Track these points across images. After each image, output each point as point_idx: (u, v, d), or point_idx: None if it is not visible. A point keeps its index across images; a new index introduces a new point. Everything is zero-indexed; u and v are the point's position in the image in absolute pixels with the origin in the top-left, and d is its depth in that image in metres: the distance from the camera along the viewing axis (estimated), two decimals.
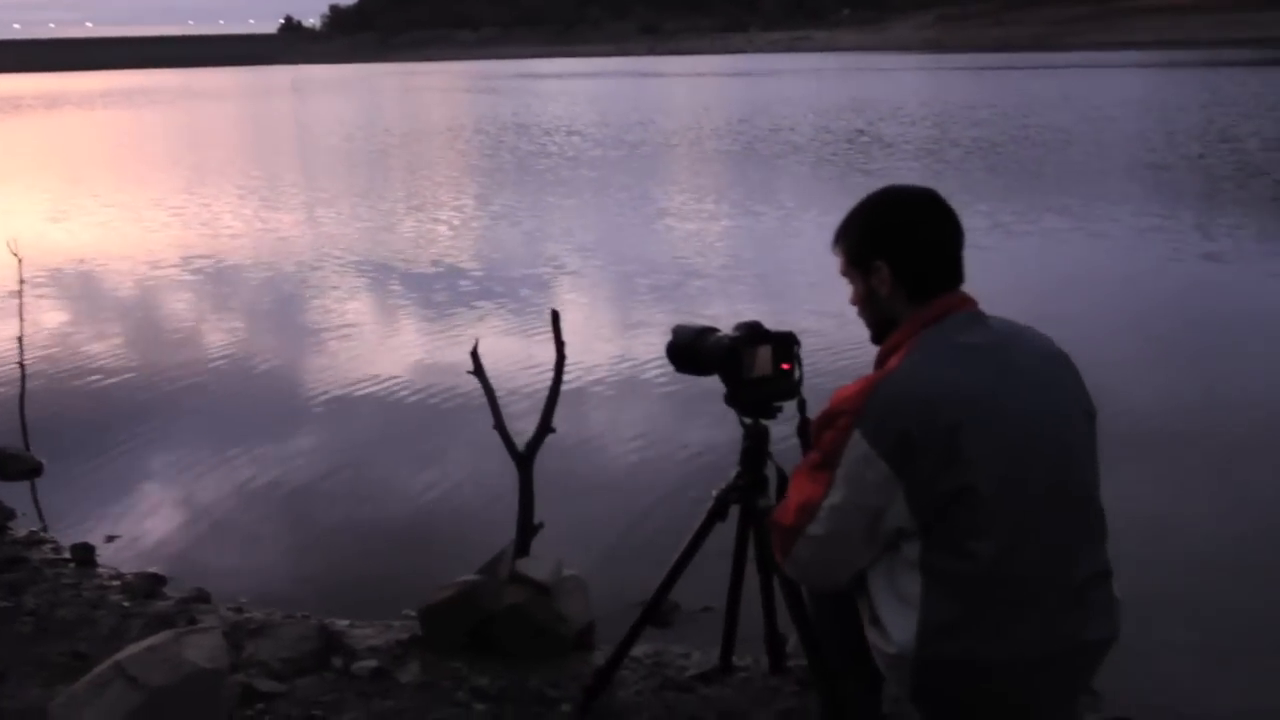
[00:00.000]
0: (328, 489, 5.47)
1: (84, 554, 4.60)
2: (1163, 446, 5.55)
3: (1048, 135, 21.38)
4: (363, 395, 6.88)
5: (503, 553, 3.71)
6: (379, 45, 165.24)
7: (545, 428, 3.75)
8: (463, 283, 10.10)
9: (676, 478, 5.32)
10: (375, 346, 8.09)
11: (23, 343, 6.29)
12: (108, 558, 4.65)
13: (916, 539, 2.19)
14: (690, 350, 2.86)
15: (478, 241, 12.36)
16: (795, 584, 2.64)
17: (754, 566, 3.00)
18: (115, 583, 4.32)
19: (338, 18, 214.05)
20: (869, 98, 34.90)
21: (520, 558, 3.68)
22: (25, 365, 6.19)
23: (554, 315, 3.74)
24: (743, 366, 2.73)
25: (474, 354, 3.87)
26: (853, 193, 2.44)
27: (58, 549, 4.73)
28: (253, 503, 5.34)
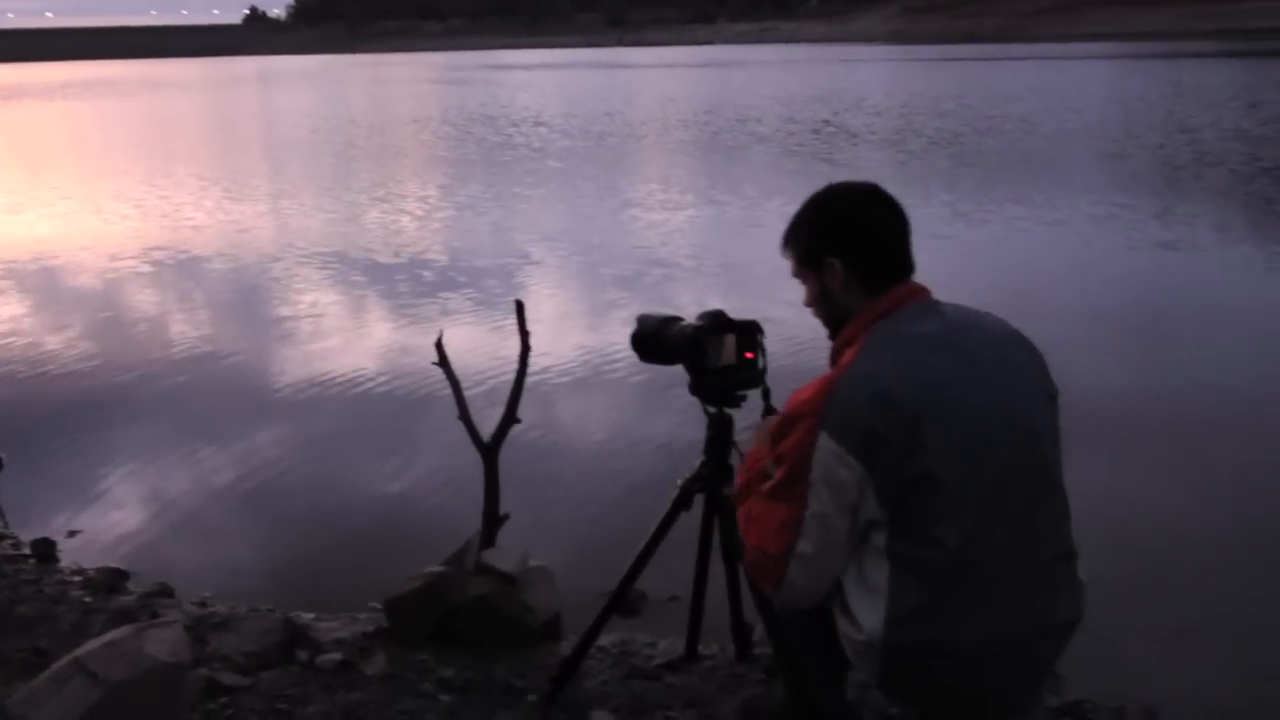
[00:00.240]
0: (292, 482, 5.44)
1: (45, 549, 4.55)
2: (1120, 431, 5.60)
3: (1010, 126, 21.52)
4: (327, 387, 6.84)
5: (468, 544, 3.70)
6: (345, 36, 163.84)
7: (510, 418, 3.74)
8: (427, 274, 10.05)
9: (642, 467, 5.32)
10: (339, 338, 8.04)
11: None
12: (69, 553, 4.61)
13: (884, 528, 2.20)
14: (654, 339, 2.86)
15: (443, 233, 12.31)
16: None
17: (719, 555, 3.00)
18: (77, 578, 4.28)
19: (303, 8, 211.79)
20: (835, 89, 34.98)
21: (486, 549, 3.68)
22: None
23: (518, 305, 3.74)
24: (706, 355, 2.74)
25: (439, 345, 3.86)
26: (817, 183, 2.45)
27: (17, 545, 4.67)
28: (216, 496, 5.29)
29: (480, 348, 7.09)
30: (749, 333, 2.78)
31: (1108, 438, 5.35)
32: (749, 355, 2.77)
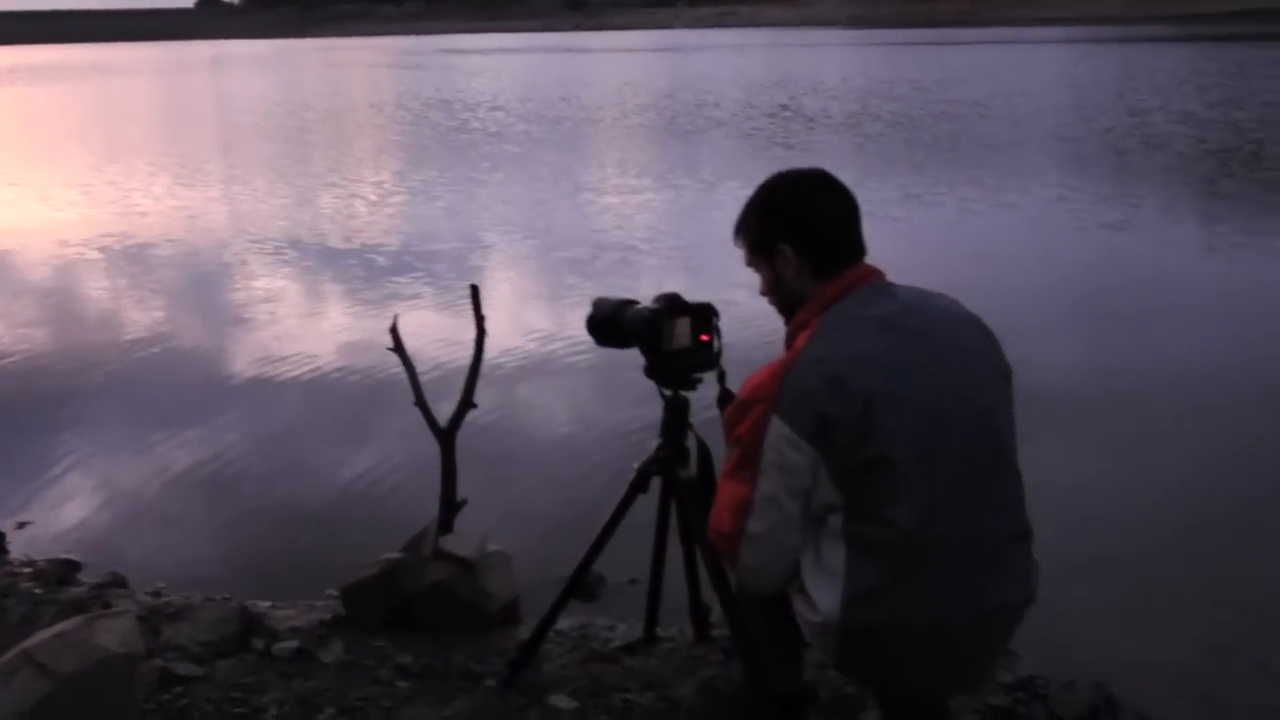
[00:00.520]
0: (247, 469, 5.39)
1: None
2: (1070, 410, 5.67)
3: (964, 109, 21.66)
4: (281, 374, 6.77)
5: (426, 530, 3.68)
6: (300, 20, 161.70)
7: (466, 403, 3.72)
8: (381, 260, 9.97)
9: (599, 451, 5.32)
10: (293, 324, 7.97)
11: None
12: (19, 545, 4.54)
13: (840, 511, 2.21)
14: (610, 323, 2.86)
15: (397, 218, 12.21)
16: (716, 554, 2.65)
17: (676, 537, 3.01)
18: (27, 570, 4.22)
19: None
20: (792, 73, 35.03)
21: (444, 534, 3.66)
22: None
23: (474, 290, 3.70)
24: (662, 338, 2.73)
25: (393, 330, 3.82)
26: (775, 166, 2.45)
27: None
28: (170, 485, 5.24)
29: (436, 333, 7.04)
30: (704, 315, 2.78)
31: (1057, 416, 5.41)
32: (704, 338, 2.78)
